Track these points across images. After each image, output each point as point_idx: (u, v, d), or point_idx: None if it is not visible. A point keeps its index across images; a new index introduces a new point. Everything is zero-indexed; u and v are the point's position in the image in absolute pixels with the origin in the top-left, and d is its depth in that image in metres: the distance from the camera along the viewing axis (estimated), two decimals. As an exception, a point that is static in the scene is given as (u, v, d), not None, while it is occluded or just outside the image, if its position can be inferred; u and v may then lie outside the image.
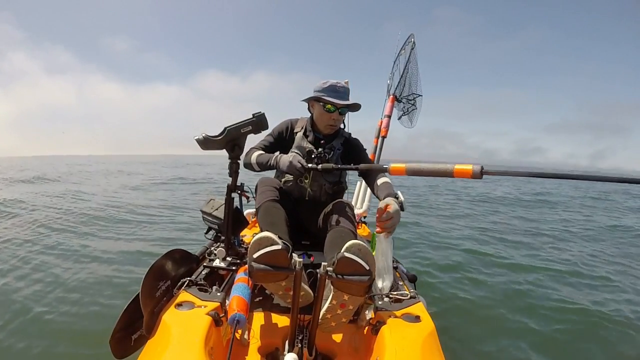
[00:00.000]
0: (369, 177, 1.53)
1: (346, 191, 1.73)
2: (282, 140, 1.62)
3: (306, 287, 1.08)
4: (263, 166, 1.52)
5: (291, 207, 1.52)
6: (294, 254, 1.03)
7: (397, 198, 1.32)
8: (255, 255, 0.98)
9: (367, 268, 0.98)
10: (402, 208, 1.32)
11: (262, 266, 0.97)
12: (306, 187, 1.58)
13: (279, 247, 0.98)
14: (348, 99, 1.53)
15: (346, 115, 1.60)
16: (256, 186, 1.50)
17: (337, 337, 1.15)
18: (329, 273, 0.98)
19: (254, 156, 1.55)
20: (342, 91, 1.52)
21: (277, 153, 1.53)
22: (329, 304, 1.06)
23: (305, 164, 1.42)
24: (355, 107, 1.56)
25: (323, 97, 1.49)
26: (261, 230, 1.25)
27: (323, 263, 1.00)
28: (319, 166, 1.45)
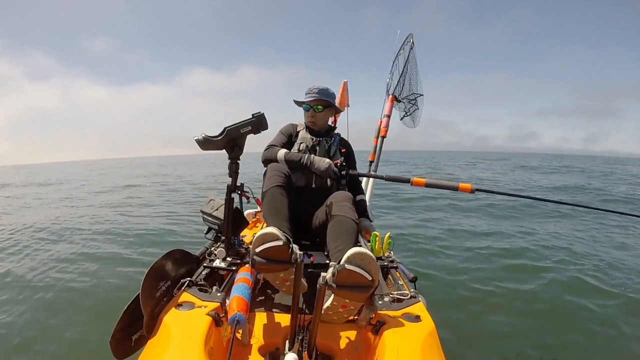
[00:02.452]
0: (350, 189, 1.77)
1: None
2: (290, 138, 1.79)
3: (303, 280, 1.10)
4: (292, 164, 1.61)
5: (295, 199, 1.56)
6: (294, 247, 1.06)
7: (367, 215, 1.75)
8: (257, 250, 1.03)
9: (370, 279, 0.97)
10: (370, 220, 1.75)
11: (263, 260, 1.03)
12: (314, 174, 1.65)
13: (280, 243, 1.02)
14: (325, 98, 1.72)
15: (343, 116, 1.91)
16: (265, 171, 1.54)
17: (337, 337, 1.15)
18: (328, 284, 0.97)
19: (281, 153, 1.64)
20: (314, 92, 1.72)
21: (308, 154, 1.65)
22: (330, 304, 1.07)
23: (338, 172, 1.59)
24: (326, 103, 1.73)
25: (300, 100, 1.75)
26: (264, 216, 1.37)
27: (322, 273, 0.98)
28: (350, 172, 1.63)
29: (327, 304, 1.07)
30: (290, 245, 1.05)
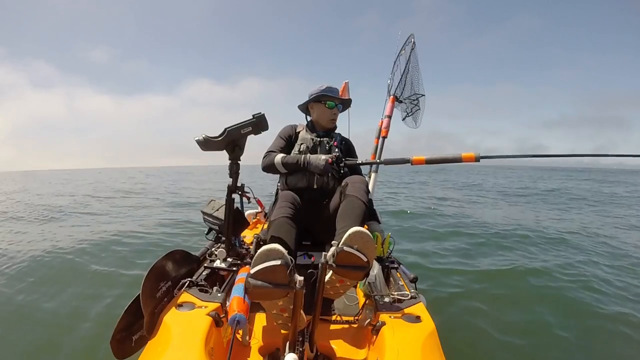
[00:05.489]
0: None
1: None
2: (290, 140, 1.76)
3: (302, 312, 1.03)
4: (290, 167, 1.60)
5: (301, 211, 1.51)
6: (296, 274, 0.96)
7: (376, 217, 1.79)
8: (252, 271, 0.94)
9: (365, 260, 1.05)
10: (379, 222, 1.79)
11: (259, 282, 0.92)
12: (315, 175, 1.63)
13: (278, 262, 0.93)
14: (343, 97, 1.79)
15: (345, 114, 1.89)
16: (276, 197, 1.50)
17: (338, 338, 1.15)
18: (329, 263, 1.04)
19: (279, 158, 1.62)
20: (335, 91, 1.77)
21: (304, 155, 1.62)
22: (329, 278, 1.12)
23: (334, 166, 1.56)
24: (348, 102, 1.84)
25: (325, 94, 1.71)
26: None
27: (324, 253, 1.04)
28: (345, 162, 1.61)
29: (326, 277, 1.11)
30: (290, 266, 0.95)
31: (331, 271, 1.10)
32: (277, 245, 0.96)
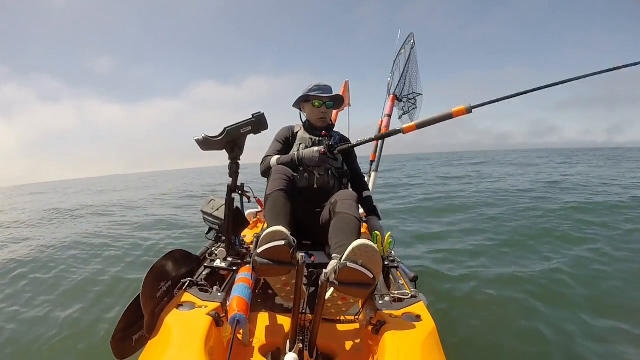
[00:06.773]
0: (354, 185, 1.82)
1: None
2: (287, 142, 1.76)
3: (303, 287, 1.11)
4: (286, 166, 1.59)
5: (297, 200, 1.53)
6: (297, 253, 1.02)
7: (376, 213, 1.78)
8: (259, 250, 1.02)
9: (372, 276, 0.97)
10: (380, 218, 1.78)
11: (265, 260, 1.01)
12: (315, 174, 1.65)
13: (282, 242, 1.00)
14: (334, 94, 1.74)
15: (345, 113, 1.93)
16: (269, 173, 1.51)
17: (338, 337, 1.15)
18: (330, 280, 0.97)
19: (274, 160, 1.64)
20: (325, 88, 1.73)
21: (297, 152, 1.62)
22: (330, 295, 1.08)
23: (328, 154, 1.56)
24: (337, 99, 1.76)
25: (310, 94, 1.70)
26: (266, 219, 1.36)
27: (324, 270, 1.01)
28: (338, 148, 1.61)
29: (327, 295, 1.08)
30: (293, 246, 1.02)
31: (332, 288, 1.04)
32: (281, 227, 1.05)
